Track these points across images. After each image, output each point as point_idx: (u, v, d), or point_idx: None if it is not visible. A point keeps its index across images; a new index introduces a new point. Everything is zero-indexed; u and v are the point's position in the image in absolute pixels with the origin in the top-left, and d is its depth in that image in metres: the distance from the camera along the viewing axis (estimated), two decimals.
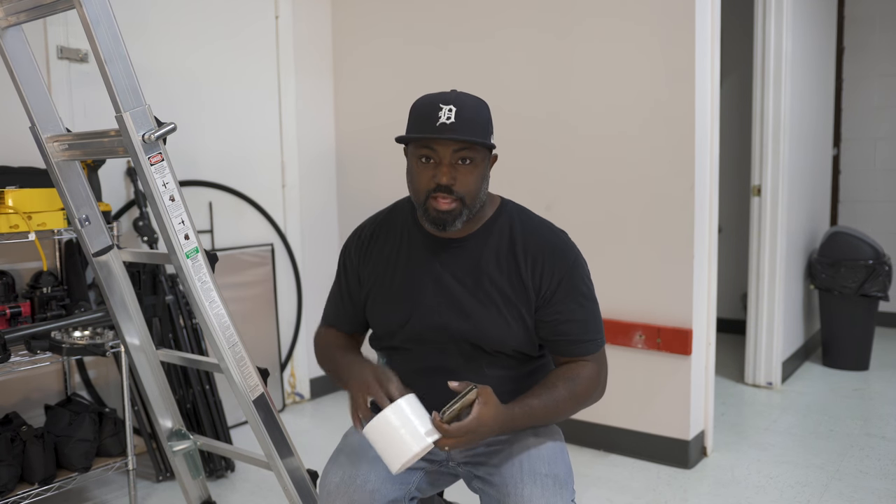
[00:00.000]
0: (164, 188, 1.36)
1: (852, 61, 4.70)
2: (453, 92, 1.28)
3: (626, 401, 2.66)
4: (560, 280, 1.31)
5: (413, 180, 1.30)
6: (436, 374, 1.33)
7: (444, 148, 1.24)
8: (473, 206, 1.28)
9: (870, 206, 4.73)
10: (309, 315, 3.48)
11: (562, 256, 1.32)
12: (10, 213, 2.02)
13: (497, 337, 1.32)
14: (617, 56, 2.60)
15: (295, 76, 3.33)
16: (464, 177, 1.25)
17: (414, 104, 1.30)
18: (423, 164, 1.27)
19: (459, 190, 1.25)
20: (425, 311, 1.34)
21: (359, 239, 1.44)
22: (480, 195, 1.29)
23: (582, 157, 2.72)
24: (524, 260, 1.32)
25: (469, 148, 1.24)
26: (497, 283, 1.32)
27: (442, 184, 1.24)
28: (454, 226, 1.27)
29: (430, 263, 1.35)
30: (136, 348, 1.73)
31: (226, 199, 3.10)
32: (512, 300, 1.31)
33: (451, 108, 1.23)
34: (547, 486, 1.22)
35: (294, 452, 1.59)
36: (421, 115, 1.26)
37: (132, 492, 2.20)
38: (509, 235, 1.34)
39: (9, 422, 2.20)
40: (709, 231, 2.61)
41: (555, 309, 1.31)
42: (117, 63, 1.29)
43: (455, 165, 1.25)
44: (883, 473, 2.49)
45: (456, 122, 1.22)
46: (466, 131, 1.22)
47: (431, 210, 1.26)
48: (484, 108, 1.30)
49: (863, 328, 3.76)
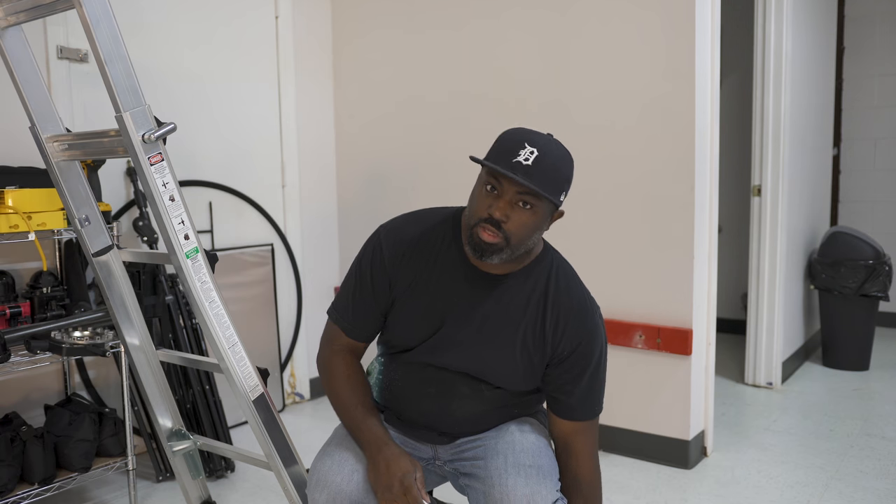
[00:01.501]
0: (164, 188, 1.36)
1: (852, 61, 4.70)
2: (546, 136, 1.26)
3: (626, 401, 2.66)
4: (578, 344, 1.32)
5: (472, 203, 1.28)
6: (435, 387, 1.38)
7: (509, 185, 1.21)
8: (517, 248, 1.26)
9: (870, 206, 4.74)
10: (309, 315, 3.48)
11: (586, 322, 1.33)
12: (10, 213, 2.02)
13: (504, 378, 1.36)
14: (617, 55, 2.60)
15: (295, 76, 3.33)
16: (518, 218, 1.23)
17: (505, 132, 1.28)
18: (487, 191, 1.25)
19: (509, 229, 1.23)
20: (444, 338, 1.34)
21: (395, 249, 1.37)
22: (528, 242, 1.27)
23: (582, 157, 2.71)
24: (552, 314, 1.32)
25: (534, 194, 1.22)
26: (520, 328, 1.32)
27: (495, 217, 1.22)
28: (491, 259, 1.26)
29: (463, 292, 1.34)
30: (136, 348, 1.73)
31: (226, 199, 3.10)
32: (529, 349, 1.33)
33: (534, 152, 1.21)
34: (531, 476, 1.25)
35: (294, 452, 1.59)
36: (503, 146, 1.24)
37: (132, 492, 2.20)
38: (545, 286, 1.34)
39: (9, 422, 2.20)
40: (709, 231, 2.61)
41: (565, 370, 1.33)
42: (117, 63, 1.29)
43: (514, 205, 1.23)
44: (883, 473, 2.49)
45: (532, 166, 1.20)
46: (537, 179, 1.20)
47: (476, 237, 1.25)
48: (568, 163, 1.27)
49: (863, 328, 3.76)
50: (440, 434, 1.42)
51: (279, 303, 3.33)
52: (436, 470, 1.47)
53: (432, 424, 1.41)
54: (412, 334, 1.37)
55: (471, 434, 1.41)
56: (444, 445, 1.43)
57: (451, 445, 1.43)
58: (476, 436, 1.41)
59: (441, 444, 1.43)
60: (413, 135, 3.22)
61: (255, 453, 1.67)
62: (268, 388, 1.55)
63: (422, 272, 1.35)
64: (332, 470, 1.31)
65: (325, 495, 1.29)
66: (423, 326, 1.35)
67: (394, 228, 1.40)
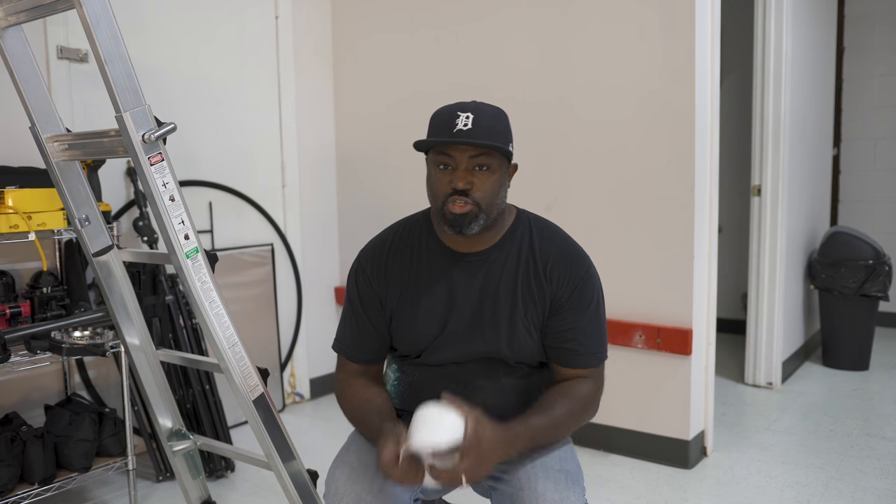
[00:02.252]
0: (164, 188, 1.36)
1: (852, 61, 4.70)
2: (472, 101, 1.28)
3: (626, 401, 2.66)
4: (573, 289, 1.32)
5: (431, 186, 1.30)
6: (453, 384, 1.36)
7: (460, 154, 1.24)
8: (490, 211, 1.28)
9: (870, 206, 4.74)
10: (309, 315, 3.48)
11: (577, 265, 1.33)
12: (10, 213, 2.02)
13: (520, 351, 1.34)
14: (617, 55, 2.60)
15: (295, 76, 3.33)
16: (480, 182, 1.25)
17: (434, 113, 1.30)
18: (440, 170, 1.27)
19: (475, 194, 1.24)
20: (452, 330, 1.34)
21: (373, 261, 1.39)
22: (497, 202, 1.29)
23: (582, 157, 2.72)
24: (543, 267, 1.33)
25: (486, 154, 1.24)
26: (518, 294, 1.32)
27: (458, 188, 1.23)
28: (471, 228, 1.26)
29: (453, 279, 1.34)
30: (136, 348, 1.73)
31: (226, 199, 3.10)
32: (531, 311, 1.33)
33: (469, 116, 1.23)
34: (560, 480, 1.24)
35: (294, 452, 1.59)
36: (439, 123, 1.26)
37: (132, 492, 2.20)
38: (529, 245, 1.35)
39: (9, 422, 2.20)
40: (709, 231, 2.61)
41: (563, 317, 1.32)
42: (117, 63, 1.29)
43: (472, 171, 1.25)
44: (883, 473, 2.49)
45: (473, 128, 1.22)
46: (483, 137, 1.22)
47: (448, 213, 1.26)
48: (503, 116, 1.30)
49: (863, 328, 3.76)
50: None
51: (279, 303, 3.33)
52: None
53: None
54: (418, 340, 1.36)
55: None
56: None
57: None
58: None
59: None
60: (413, 134, 3.20)
61: (255, 453, 1.67)
62: (268, 388, 1.55)
63: (407, 276, 1.36)
64: (352, 478, 1.27)
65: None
66: (427, 329, 1.35)
67: (368, 248, 1.43)
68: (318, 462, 2.05)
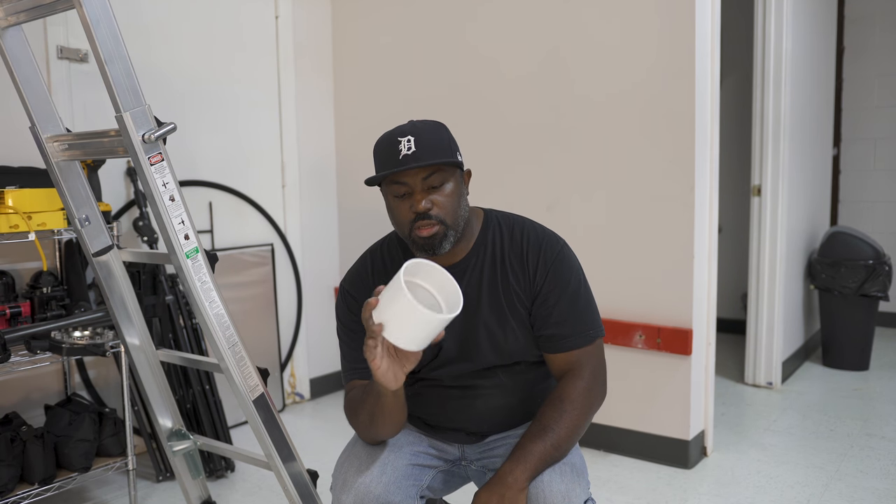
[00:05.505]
0: (164, 188, 1.36)
1: (852, 61, 4.70)
2: (409, 123, 1.29)
3: (626, 401, 2.66)
4: (548, 270, 1.32)
5: (394, 217, 1.30)
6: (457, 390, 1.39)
7: (412, 178, 1.24)
8: (457, 225, 1.28)
9: (870, 206, 4.73)
10: (309, 315, 3.48)
11: (549, 248, 1.34)
12: (10, 213, 2.01)
13: (517, 351, 1.35)
14: (616, 54, 2.60)
15: (295, 76, 3.33)
16: (439, 200, 1.26)
17: (375, 145, 1.30)
18: (398, 200, 1.27)
19: (438, 214, 1.25)
20: (444, 357, 1.35)
21: (357, 280, 1.41)
22: (461, 213, 1.30)
23: (582, 157, 2.72)
24: (518, 261, 1.34)
25: (437, 171, 1.25)
26: (503, 295, 1.33)
27: (419, 211, 1.24)
28: (443, 248, 1.27)
29: None
30: (136, 348, 1.73)
31: (226, 199, 3.10)
32: (517, 311, 1.33)
33: (410, 139, 1.24)
34: (566, 473, 1.24)
35: (294, 452, 1.59)
36: (382, 153, 1.27)
37: (132, 492, 2.20)
38: (501, 244, 1.36)
39: (9, 422, 2.20)
40: (709, 231, 2.61)
41: (545, 302, 1.32)
42: (117, 63, 1.29)
43: (427, 192, 1.25)
44: (883, 473, 2.49)
45: (417, 150, 1.23)
46: (429, 156, 1.23)
47: (417, 239, 1.27)
48: (442, 129, 1.31)
49: (863, 328, 3.75)
50: (468, 434, 1.43)
51: (279, 303, 3.33)
52: (459, 472, 1.47)
53: (460, 426, 1.42)
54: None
55: (500, 431, 1.42)
56: (473, 445, 1.44)
57: (479, 444, 1.43)
58: (506, 433, 1.42)
59: (470, 443, 1.44)
60: None
61: (255, 453, 1.67)
62: (268, 387, 1.55)
63: None
64: (360, 471, 1.29)
65: (352, 496, 1.26)
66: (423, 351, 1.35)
67: (350, 275, 1.43)
68: (318, 462, 2.05)
